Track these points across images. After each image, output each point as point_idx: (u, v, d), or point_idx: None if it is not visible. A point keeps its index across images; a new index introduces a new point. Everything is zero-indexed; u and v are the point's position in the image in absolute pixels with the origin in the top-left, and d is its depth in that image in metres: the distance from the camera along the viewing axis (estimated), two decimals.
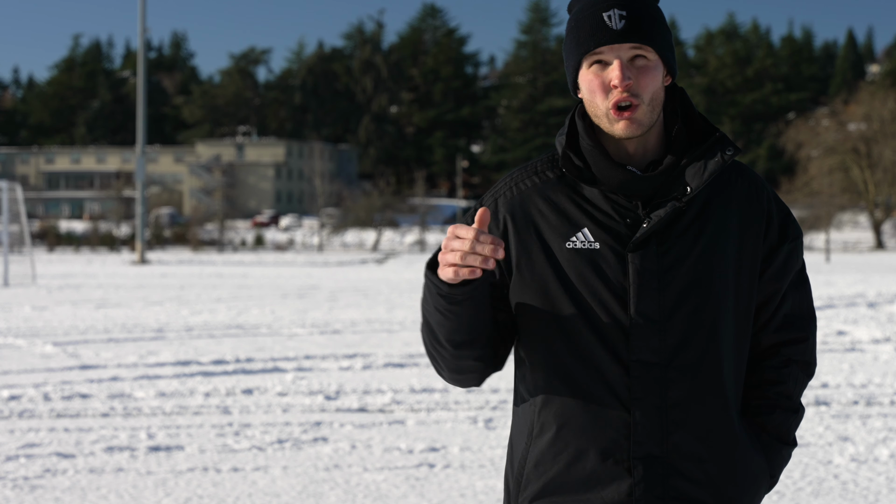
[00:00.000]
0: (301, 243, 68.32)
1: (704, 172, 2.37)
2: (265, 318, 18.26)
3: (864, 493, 6.80)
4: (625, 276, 2.36)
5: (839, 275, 32.19)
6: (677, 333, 2.35)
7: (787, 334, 2.47)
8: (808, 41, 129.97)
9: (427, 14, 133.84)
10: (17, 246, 43.62)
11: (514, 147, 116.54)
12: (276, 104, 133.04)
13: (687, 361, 2.35)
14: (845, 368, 12.02)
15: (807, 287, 2.53)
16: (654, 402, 2.35)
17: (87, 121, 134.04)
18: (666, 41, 2.39)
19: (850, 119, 72.93)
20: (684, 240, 2.37)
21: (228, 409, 9.59)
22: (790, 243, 2.46)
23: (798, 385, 2.48)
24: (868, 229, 72.83)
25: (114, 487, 6.91)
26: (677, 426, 2.35)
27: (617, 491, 2.35)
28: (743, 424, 2.43)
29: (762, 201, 2.45)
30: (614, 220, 2.38)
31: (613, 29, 2.34)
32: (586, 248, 2.37)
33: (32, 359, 13.01)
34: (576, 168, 2.41)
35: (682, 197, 2.36)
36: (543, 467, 2.41)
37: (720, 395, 2.38)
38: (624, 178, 2.36)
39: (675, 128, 2.42)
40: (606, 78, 2.35)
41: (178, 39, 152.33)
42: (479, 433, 8.55)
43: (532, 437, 2.43)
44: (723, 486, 2.38)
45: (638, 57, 2.35)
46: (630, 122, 2.34)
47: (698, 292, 2.36)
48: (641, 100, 2.35)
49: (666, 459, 2.35)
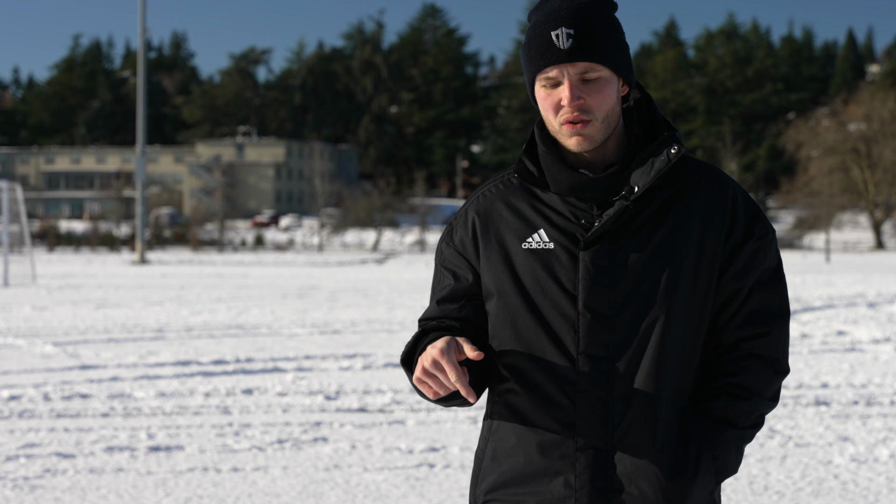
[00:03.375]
0: (301, 243, 68.33)
1: (651, 171, 2.41)
2: (265, 318, 18.27)
3: (864, 493, 6.80)
4: (576, 273, 2.41)
5: (839, 275, 32.19)
6: (625, 328, 2.40)
7: (748, 330, 2.48)
8: (808, 41, 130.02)
9: (427, 14, 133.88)
10: (17, 246, 43.63)
11: (514, 147, 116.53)
12: (276, 104, 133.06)
13: (634, 356, 2.40)
14: (845, 368, 12.02)
15: (779, 286, 2.53)
16: (599, 396, 2.39)
17: (87, 121, 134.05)
18: (618, 53, 2.42)
19: (850, 119, 72.95)
20: (637, 238, 2.42)
21: (228, 409, 9.59)
22: (756, 241, 2.48)
23: (758, 377, 2.47)
24: (868, 229, 72.85)
25: (114, 487, 6.91)
26: (621, 419, 2.39)
27: (562, 483, 2.41)
28: (688, 416, 2.44)
29: (726, 201, 2.47)
30: (569, 222, 2.44)
31: (560, 49, 2.37)
32: (541, 248, 2.44)
33: (32, 359, 13.01)
34: (528, 173, 2.50)
35: (630, 196, 2.41)
36: (497, 461, 2.48)
37: (665, 390, 2.40)
38: (574, 180, 2.43)
39: (633, 132, 2.47)
40: (556, 97, 2.41)
41: (178, 39, 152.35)
42: (479, 433, 8.54)
43: (491, 433, 2.52)
44: (666, 478, 2.40)
45: (588, 75, 2.39)
46: (582, 137, 2.41)
47: (649, 289, 2.40)
48: (594, 116, 2.40)
49: (610, 452, 2.40)
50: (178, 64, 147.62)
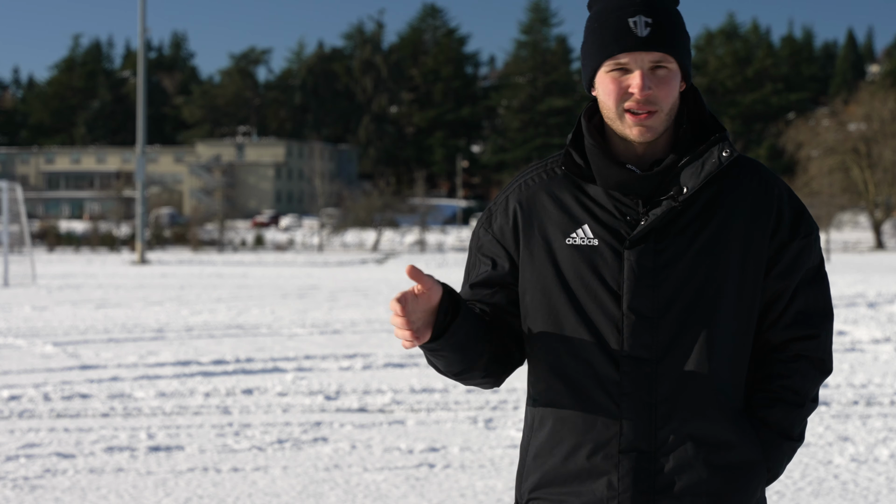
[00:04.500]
0: (301, 243, 68.27)
1: (701, 173, 2.38)
2: (265, 318, 18.26)
3: (864, 493, 6.80)
4: (621, 272, 2.38)
5: (839, 275, 32.18)
6: (670, 330, 2.37)
7: (798, 331, 2.46)
8: (808, 41, 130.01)
9: (427, 14, 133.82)
10: (17, 246, 43.60)
11: (514, 147, 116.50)
12: (276, 104, 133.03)
13: (678, 358, 2.37)
14: (845, 368, 12.02)
15: (823, 285, 2.52)
16: (642, 398, 2.37)
17: (87, 121, 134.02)
18: (686, 49, 2.41)
19: (850, 119, 72.87)
20: (682, 238, 2.39)
21: (228, 409, 9.59)
22: (801, 240, 2.46)
23: (807, 380, 2.46)
24: (868, 229, 72.78)
25: (114, 487, 6.91)
26: (665, 422, 2.37)
27: (605, 484, 2.39)
28: (739, 419, 2.42)
29: (772, 199, 2.45)
30: (615, 218, 2.41)
31: (638, 36, 2.35)
32: (585, 244, 2.41)
33: (32, 359, 13.01)
34: (576, 166, 2.45)
35: (679, 196, 2.38)
36: (541, 460, 2.46)
37: (711, 392, 2.38)
38: (622, 177, 2.39)
39: (681, 128, 2.44)
40: (625, 84, 2.37)
41: (178, 39, 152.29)
42: (479, 433, 8.55)
43: (532, 431, 2.50)
44: (711, 482, 2.38)
45: (659, 66, 2.37)
46: (646, 128, 2.37)
47: (694, 290, 2.38)
48: (660, 108, 2.37)
49: (653, 454, 2.37)
50: (178, 64, 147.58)
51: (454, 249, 59.75)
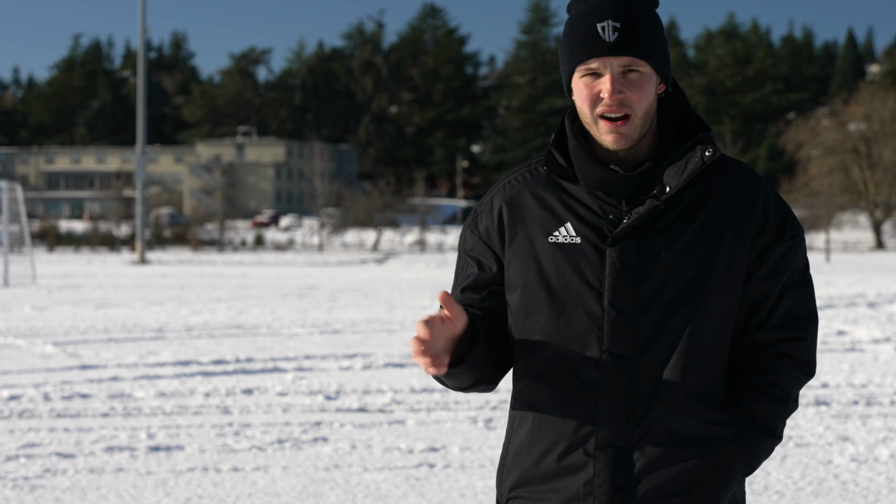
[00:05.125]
0: (301, 243, 68.30)
1: (684, 172, 2.40)
2: (265, 318, 18.26)
3: (864, 493, 6.80)
4: (602, 269, 2.39)
5: (839, 275, 32.18)
6: (650, 327, 2.38)
7: (785, 333, 2.47)
8: (808, 41, 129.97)
9: (427, 14, 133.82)
10: (17, 246, 43.62)
11: (514, 147, 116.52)
12: (276, 104, 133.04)
13: (658, 355, 2.38)
14: (845, 368, 12.02)
15: (808, 287, 2.52)
16: (621, 394, 2.38)
17: (87, 121, 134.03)
18: (660, 51, 2.41)
19: (850, 119, 72.89)
20: (665, 236, 2.40)
21: (228, 409, 9.59)
22: (787, 241, 2.46)
23: (791, 379, 2.47)
24: (868, 229, 72.80)
25: (114, 487, 6.91)
26: (642, 418, 2.38)
27: (582, 481, 2.40)
28: (718, 415, 2.43)
29: (758, 200, 2.45)
30: (597, 216, 2.42)
31: (606, 41, 2.35)
32: (567, 242, 2.42)
33: (32, 359, 13.01)
34: (558, 166, 2.47)
35: (662, 196, 2.39)
36: (520, 458, 2.48)
37: (690, 390, 2.39)
38: (605, 177, 2.40)
39: (666, 129, 2.45)
40: (597, 89, 2.38)
41: (178, 39, 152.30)
42: (479, 433, 8.55)
43: (513, 430, 2.52)
44: (688, 477, 2.39)
45: (630, 70, 2.37)
46: (620, 136, 2.38)
47: (675, 287, 2.39)
48: (633, 111, 2.38)
49: (630, 450, 2.38)
50: (178, 64, 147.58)
51: (454, 249, 59.70)
